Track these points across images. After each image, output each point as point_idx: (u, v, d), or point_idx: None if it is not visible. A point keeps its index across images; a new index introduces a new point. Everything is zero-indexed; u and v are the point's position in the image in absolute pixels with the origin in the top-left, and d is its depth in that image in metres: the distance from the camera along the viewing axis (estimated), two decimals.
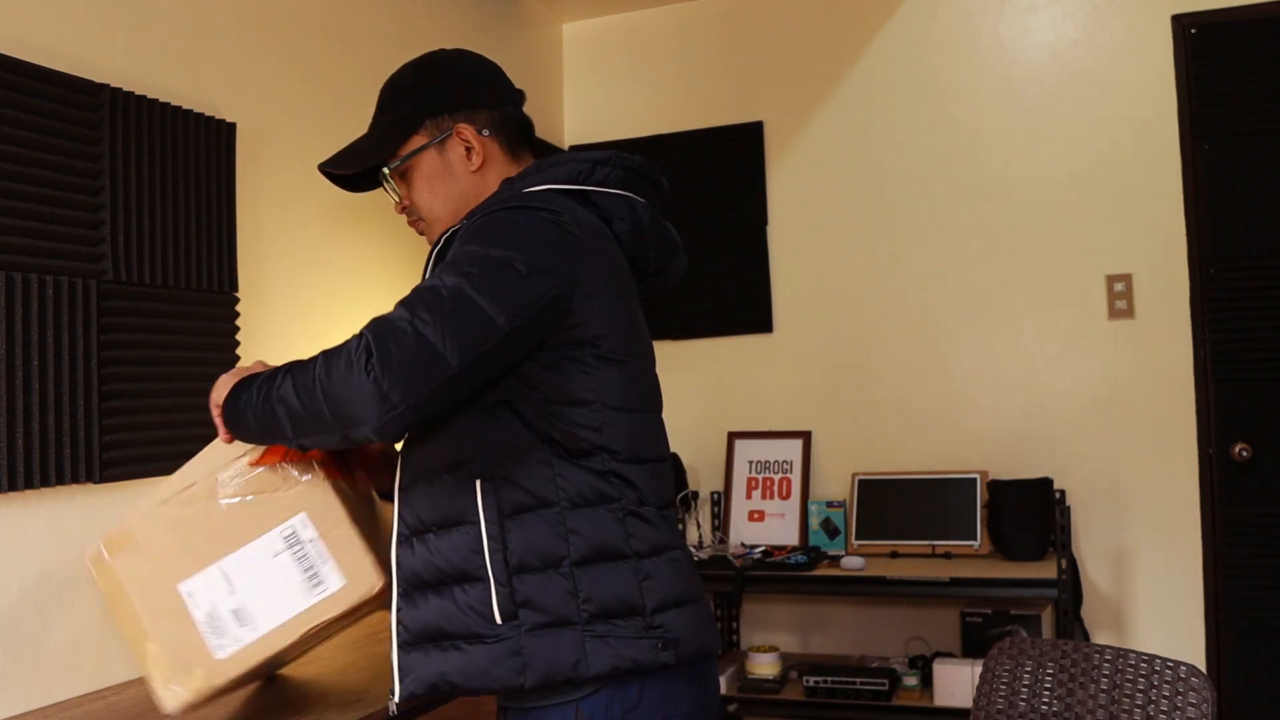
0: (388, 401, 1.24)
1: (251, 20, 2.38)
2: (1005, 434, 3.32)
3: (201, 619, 1.45)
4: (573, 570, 1.36)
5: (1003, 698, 1.89)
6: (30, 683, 1.78)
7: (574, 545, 1.36)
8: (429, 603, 1.38)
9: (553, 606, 1.35)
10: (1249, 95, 3.09)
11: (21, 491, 1.77)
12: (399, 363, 1.24)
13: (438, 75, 1.56)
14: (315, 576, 1.45)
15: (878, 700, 2.94)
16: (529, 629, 1.34)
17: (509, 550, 1.35)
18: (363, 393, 1.25)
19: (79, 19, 1.95)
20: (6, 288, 1.74)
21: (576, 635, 1.34)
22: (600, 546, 1.37)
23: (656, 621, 1.38)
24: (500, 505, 1.36)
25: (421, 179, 1.54)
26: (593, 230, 1.43)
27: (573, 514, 1.37)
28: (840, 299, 3.51)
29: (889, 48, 3.49)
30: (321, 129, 2.59)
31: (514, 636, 1.34)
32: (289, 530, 1.45)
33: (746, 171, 3.61)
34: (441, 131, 1.52)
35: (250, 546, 1.45)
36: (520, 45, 3.57)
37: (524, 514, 1.37)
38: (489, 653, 1.34)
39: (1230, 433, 3.10)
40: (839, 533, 3.35)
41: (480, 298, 1.28)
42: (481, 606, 1.35)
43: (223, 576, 1.45)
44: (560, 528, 1.36)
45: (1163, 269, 3.17)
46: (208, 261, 2.16)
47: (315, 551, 1.45)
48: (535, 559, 1.35)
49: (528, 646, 1.34)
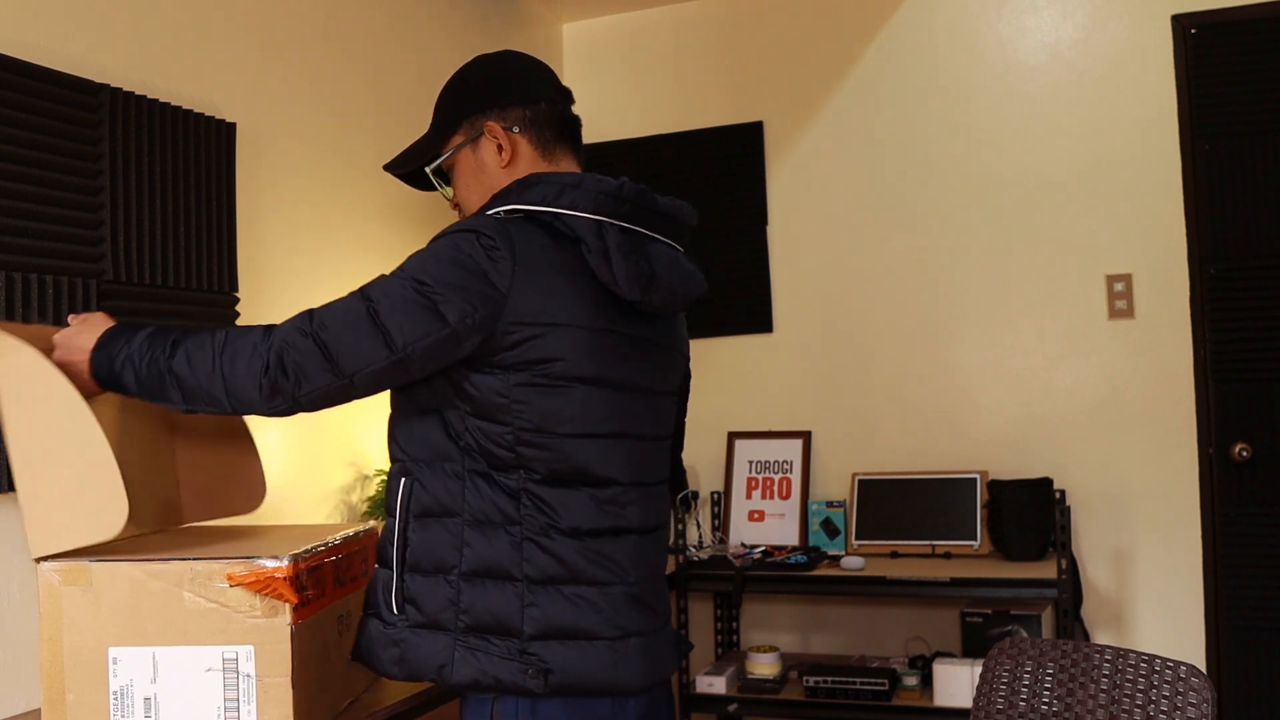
0: (278, 398, 1.37)
1: (251, 20, 2.38)
2: (1005, 434, 3.32)
3: (115, 689, 1.43)
4: (459, 581, 1.42)
5: (1003, 698, 1.89)
6: (30, 683, 1.78)
7: (465, 558, 1.42)
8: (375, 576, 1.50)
9: (431, 610, 1.42)
10: (1249, 95, 3.09)
11: None
12: (294, 365, 1.36)
13: (474, 77, 1.62)
14: (234, 711, 1.42)
15: (878, 700, 2.94)
16: (410, 625, 1.43)
17: (409, 548, 1.44)
18: (258, 388, 1.36)
19: (79, 19, 1.95)
20: (6, 288, 1.75)
21: (449, 641, 1.41)
22: (489, 565, 1.41)
23: (532, 649, 1.40)
24: (411, 505, 1.45)
25: (461, 176, 1.60)
26: (545, 256, 1.41)
27: (471, 529, 1.42)
28: (840, 299, 3.51)
29: (889, 48, 3.49)
30: (321, 129, 2.59)
31: (399, 628, 1.43)
32: (232, 655, 1.42)
33: (746, 171, 3.61)
34: (475, 130, 1.58)
35: (189, 649, 1.42)
36: (520, 45, 3.57)
37: (428, 518, 1.44)
38: (383, 633, 1.45)
39: (1230, 433, 3.10)
40: (839, 533, 3.35)
41: (381, 321, 1.36)
42: (385, 592, 1.45)
43: (152, 662, 1.43)
44: (457, 539, 1.43)
45: (1163, 269, 3.17)
46: (208, 261, 2.16)
47: (245, 688, 1.42)
48: (427, 563, 1.43)
49: (405, 640, 1.43)
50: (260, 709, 1.42)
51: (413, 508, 1.45)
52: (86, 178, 1.91)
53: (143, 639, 1.42)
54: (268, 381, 1.36)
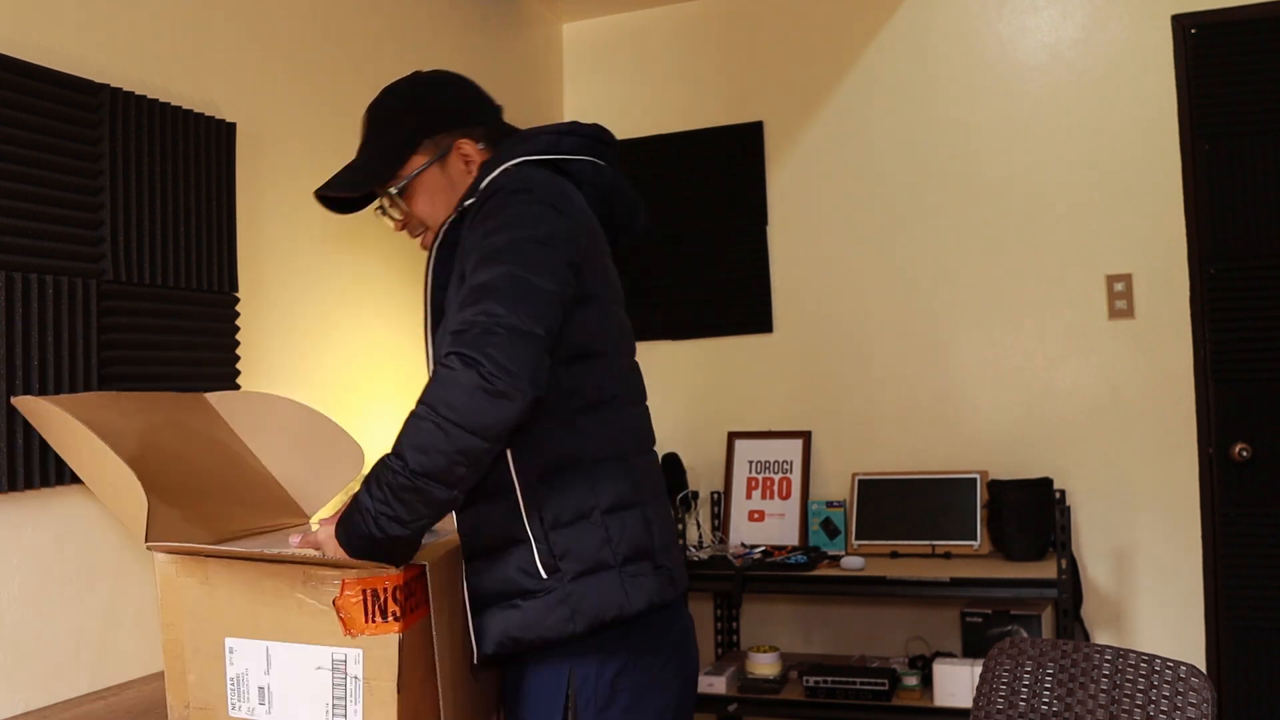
0: (517, 394, 1.31)
1: (251, 20, 2.38)
2: (1005, 434, 3.32)
3: (231, 675, 1.50)
4: (603, 518, 1.47)
5: (1003, 698, 1.89)
6: (30, 683, 1.78)
7: (600, 495, 1.47)
8: (484, 567, 1.49)
9: (590, 554, 1.46)
10: (1249, 95, 3.09)
11: (21, 491, 1.77)
12: (505, 357, 1.31)
13: (429, 98, 1.67)
14: (341, 709, 1.47)
15: (878, 700, 2.94)
16: (571, 578, 1.45)
17: (544, 509, 1.46)
18: (490, 402, 1.31)
19: (79, 19, 1.95)
20: (6, 288, 1.74)
21: (615, 576, 1.46)
22: (620, 495, 1.49)
23: (659, 561, 1.52)
24: (529, 469, 1.47)
25: (424, 194, 1.64)
26: (570, 196, 1.53)
27: (599, 465, 1.48)
28: (840, 299, 3.51)
29: (889, 48, 3.49)
30: (321, 129, 2.59)
31: (560, 587, 1.45)
32: (342, 655, 1.46)
33: (746, 171, 3.61)
34: (440, 149, 1.64)
35: (301, 646, 1.47)
36: (520, 45, 3.57)
37: (553, 474, 1.47)
38: (541, 604, 1.45)
39: (1230, 433, 3.10)
40: (839, 533, 3.35)
41: (532, 275, 1.38)
42: (527, 565, 1.46)
43: (265, 655, 1.49)
44: (589, 480, 1.48)
45: (1163, 269, 3.17)
46: (208, 261, 2.16)
47: (353, 688, 1.46)
48: (568, 514, 1.47)
49: (574, 593, 1.45)
50: (366, 710, 1.45)
51: (532, 470, 1.47)
52: (86, 178, 1.91)
53: (257, 633, 1.49)
54: (494, 389, 1.30)
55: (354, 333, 2.70)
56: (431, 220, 1.65)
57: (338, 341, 2.63)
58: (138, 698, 1.81)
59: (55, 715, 1.73)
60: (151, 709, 1.72)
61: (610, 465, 1.50)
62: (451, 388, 1.31)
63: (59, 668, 1.83)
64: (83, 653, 1.88)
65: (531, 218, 1.44)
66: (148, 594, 2.01)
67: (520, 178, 1.51)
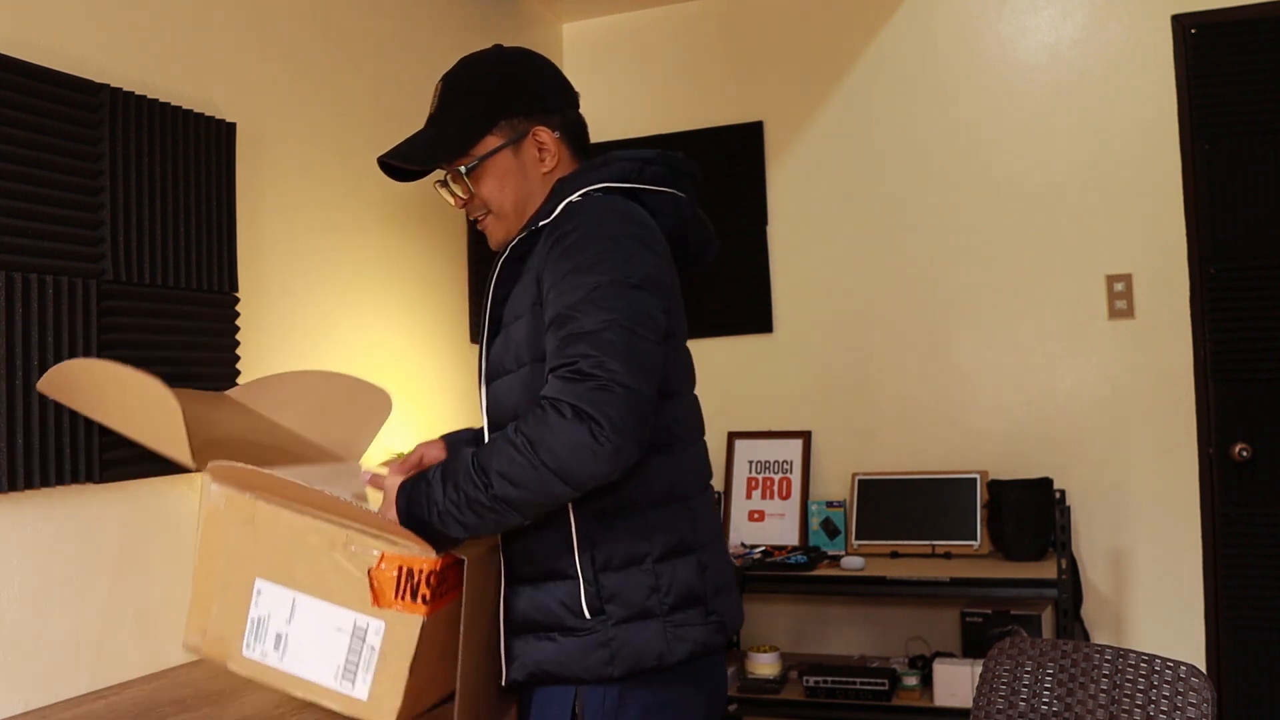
0: (623, 456, 1.30)
1: (251, 20, 2.38)
2: (1005, 434, 3.32)
3: (253, 616, 1.52)
4: (653, 566, 1.44)
5: (1003, 698, 1.89)
6: (30, 683, 1.78)
7: (656, 543, 1.45)
8: (525, 595, 1.47)
9: (636, 601, 1.43)
10: (1249, 95, 3.09)
11: (21, 491, 1.77)
12: (620, 418, 1.29)
13: (513, 77, 1.58)
14: (351, 673, 1.49)
15: (878, 700, 2.94)
16: (615, 622, 1.43)
17: (595, 549, 1.44)
18: (593, 459, 1.29)
19: (79, 19, 1.95)
20: (6, 288, 1.74)
21: (659, 626, 1.43)
22: (676, 542, 1.47)
23: (712, 606, 1.49)
24: (589, 508, 1.43)
25: (493, 177, 1.57)
26: (655, 231, 1.50)
27: (655, 511, 1.46)
28: (840, 299, 3.51)
29: (889, 48, 3.48)
30: (321, 129, 2.59)
31: (603, 629, 1.43)
32: (364, 624, 1.48)
33: (746, 171, 3.61)
34: (517, 132, 1.56)
35: (328, 605, 1.49)
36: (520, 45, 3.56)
37: (611, 516, 1.44)
38: (579, 644, 1.43)
39: (1230, 433, 3.09)
40: (839, 533, 3.34)
41: (640, 329, 1.35)
42: (571, 602, 1.44)
43: (291, 604, 1.51)
44: (644, 525, 1.45)
45: (1163, 269, 3.17)
46: (208, 261, 2.16)
47: (367, 657, 1.48)
48: (619, 559, 1.44)
49: (616, 638, 1.42)
50: (375, 681, 1.47)
51: (590, 509, 1.43)
52: (86, 178, 1.91)
53: (290, 581, 1.50)
54: (603, 446, 1.28)
55: (354, 333, 2.70)
56: (496, 205, 1.58)
57: (338, 341, 2.63)
58: (138, 698, 1.81)
59: (55, 715, 1.73)
60: (151, 709, 1.72)
61: (670, 509, 1.47)
62: (559, 436, 1.28)
63: (59, 668, 1.83)
64: (83, 653, 1.88)
65: (625, 256, 1.40)
66: (148, 594, 2.01)
67: (607, 207, 1.46)
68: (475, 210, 1.61)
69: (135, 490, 1.98)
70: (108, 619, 1.93)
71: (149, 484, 2.00)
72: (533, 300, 1.45)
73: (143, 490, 1.99)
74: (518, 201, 1.57)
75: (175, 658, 2.03)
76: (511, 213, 1.58)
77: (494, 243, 1.61)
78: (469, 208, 1.61)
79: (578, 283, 1.37)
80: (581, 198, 1.48)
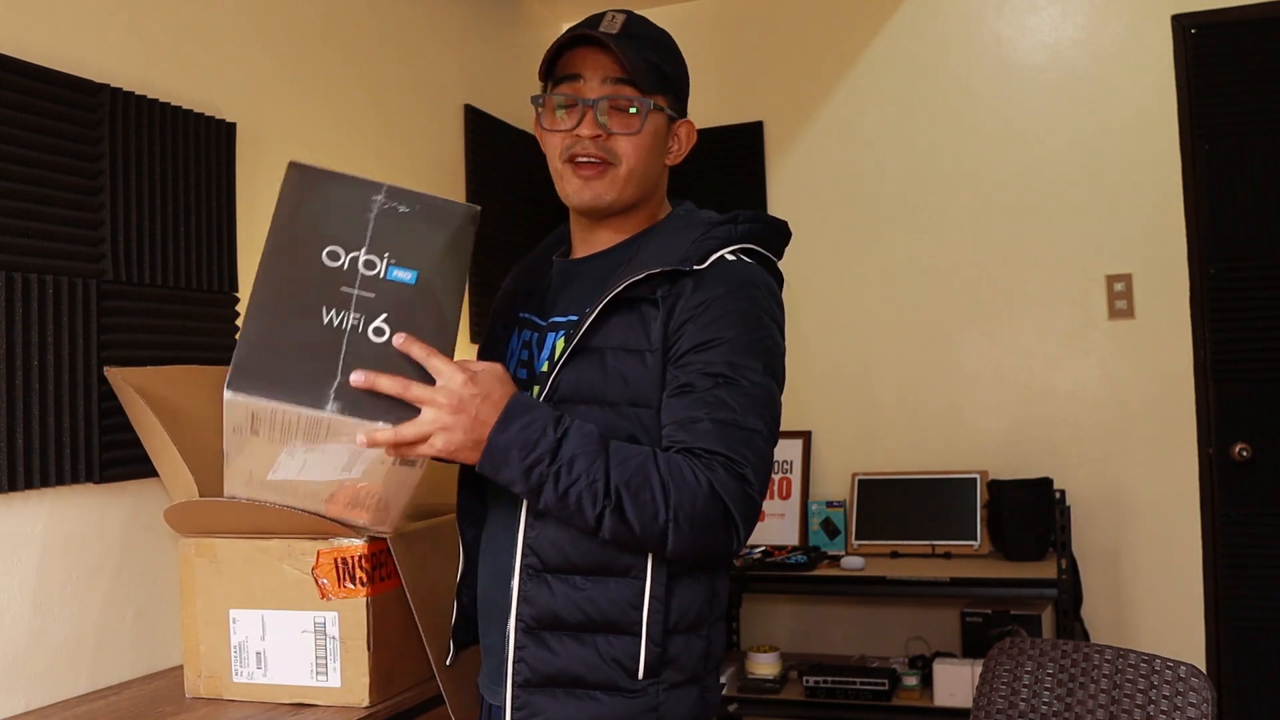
0: (749, 524, 1.30)
1: (251, 20, 2.38)
2: (1005, 434, 3.32)
3: (234, 643, 1.70)
4: (708, 632, 1.37)
5: (1003, 698, 1.89)
6: (30, 683, 1.78)
7: (714, 608, 1.39)
8: (566, 648, 1.31)
9: (691, 667, 1.34)
10: (1249, 95, 3.09)
11: (21, 491, 1.77)
12: (748, 531, 1.30)
13: (685, 65, 1.50)
14: (323, 667, 1.67)
15: (878, 700, 2.94)
16: (667, 687, 1.32)
17: (670, 610, 1.32)
18: (713, 553, 1.27)
19: (79, 19, 1.95)
20: (6, 288, 1.74)
21: (699, 690, 1.35)
22: (723, 607, 1.41)
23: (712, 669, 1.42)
24: (670, 565, 1.31)
25: (649, 136, 1.38)
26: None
27: (719, 577, 1.39)
28: (840, 299, 3.51)
29: (889, 48, 3.48)
30: (321, 129, 2.59)
31: (653, 692, 1.31)
32: (321, 619, 1.67)
33: (746, 171, 3.61)
34: (675, 111, 1.44)
35: (289, 614, 1.68)
36: (520, 45, 3.57)
37: (686, 576, 1.33)
38: (627, 706, 1.31)
39: (1230, 433, 3.09)
40: (839, 533, 3.34)
41: (773, 438, 1.33)
42: (627, 660, 1.30)
43: (261, 622, 1.69)
44: (709, 589, 1.37)
45: (1163, 269, 3.17)
46: (208, 261, 2.16)
47: (332, 649, 1.66)
48: (685, 622, 1.34)
49: (664, 704, 1.32)
50: (344, 667, 1.65)
51: (671, 567, 1.31)
52: (86, 178, 1.91)
53: (254, 603, 1.69)
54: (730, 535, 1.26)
55: None
56: (629, 162, 1.37)
57: None
58: (138, 698, 1.80)
59: (55, 715, 1.73)
60: (151, 709, 1.72)
61: (724, 573, 1.41)
62: (704, 523, 1.23)
63: (59, 668, 1.83)
64: (83, 653, 1.87)
65: (777, 351, 1.35)
66: (147, 594, 2.01)
67: (768, 287, 1.37)
68: (597, 151, 1.36)
69: (135, 490, 1.98)
70: (108, 619, 1.93)
71: (149, 484, 2.00)
72: (648, 347, 1.31)
73: (143, 490, 1.99)
74: (645, 175, 1.39)
75: (175, 658, 2.03)
76: (633, 183, 1.38)
77: (587, 196, 1.38)
78: (589, 145, 1.36)
79: (741, 366, 1.29)
80: (740, 263, 1.36)
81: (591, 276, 1.42)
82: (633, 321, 1.32)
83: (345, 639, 1.65)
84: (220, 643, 1.70)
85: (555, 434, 1.20)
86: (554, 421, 1.22)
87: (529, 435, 1.20)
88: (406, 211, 1.27)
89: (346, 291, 1.23)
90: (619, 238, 1.44)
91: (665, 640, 1.31)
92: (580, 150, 1.36)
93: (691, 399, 1.27)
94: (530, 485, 1.21)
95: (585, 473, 1.20)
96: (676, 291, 1.32)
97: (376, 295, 1.23)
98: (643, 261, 1.34)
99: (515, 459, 1.19)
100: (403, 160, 2.90)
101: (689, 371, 1.29)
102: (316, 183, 1.27)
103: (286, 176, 1.27)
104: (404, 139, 2.91)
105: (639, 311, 1.32)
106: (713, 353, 1.29)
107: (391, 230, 1.25)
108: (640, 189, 1.41)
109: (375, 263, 1.24)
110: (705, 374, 1.28)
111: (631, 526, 1.22)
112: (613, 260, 1.42)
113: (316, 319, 1.21)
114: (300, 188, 1.27)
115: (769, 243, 1.43)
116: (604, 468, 1.21)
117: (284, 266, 1.23)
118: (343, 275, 1.23)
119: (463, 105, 3.19)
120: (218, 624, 1.70)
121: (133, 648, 1.97)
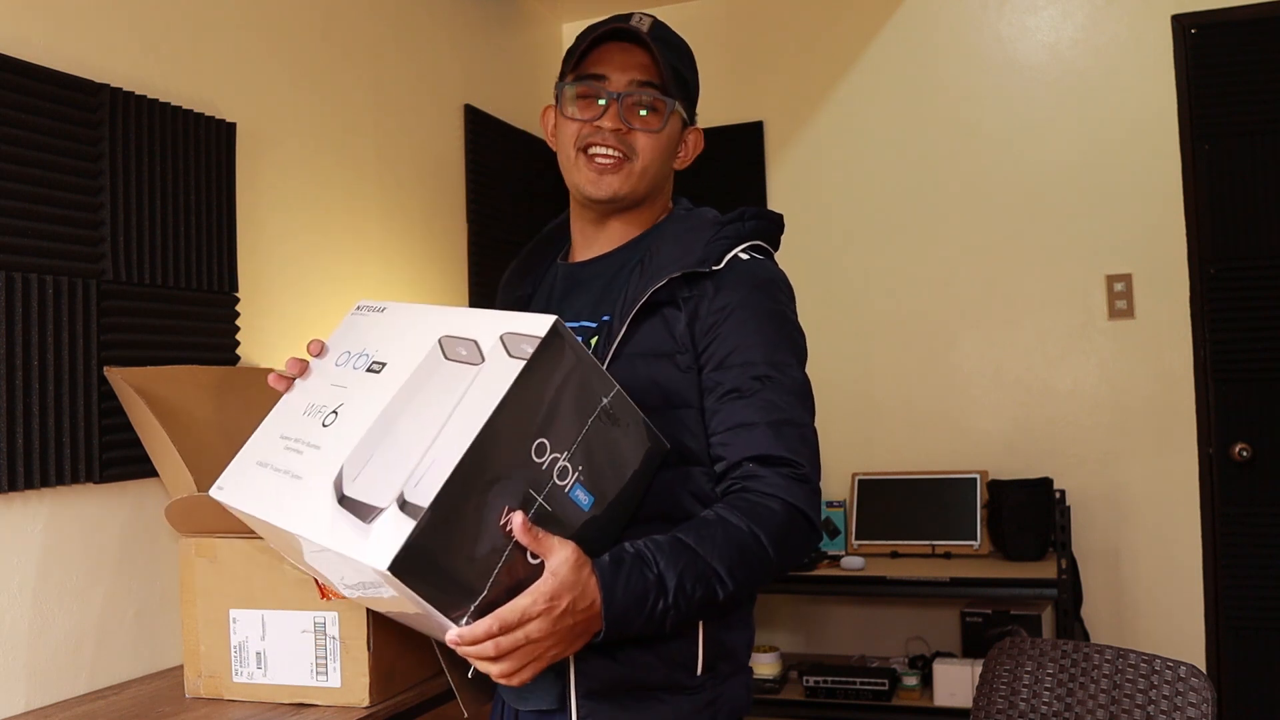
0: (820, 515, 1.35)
1: (251, 20, 2.38)
2: (1005, 434, 3.32)
3: (234, 643, 1.71)
4: (750, 618, 1.40)
5: (1003, 698, 1.89)
6: (30, 683, 1.78)
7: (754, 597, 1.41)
8: (628, 654, 1.28)
9: (743, 657, 1.38)
10: (1249, 95, 3.09)
11: (21, 491, 1.77)
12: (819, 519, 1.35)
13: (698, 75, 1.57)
14: (323, 667, 1.67)
15: (878, 700, 2.94)
16: (723, 679, 1.34)
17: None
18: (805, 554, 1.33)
19: (79, 19, 1.95)
20: (6, 288, 1.74)
21: (746, 677, 1.38)
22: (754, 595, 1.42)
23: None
24: None
25: (668, 136, 1.43)
26: None
27: None
28: (840, 299, 3.51)
29: (889, 48, 3.48)
30: (321, 129, 2.59)
31: (711, 686, 1.33)
32: (321, 619, 1.67)
33: (746, 171, 3.61)
34: (689, 116, 1.51)
35: (289, 613, 1.68)
36: (520, 45, 3.57)
37: None
38: (690, 702, 1.31)
39: (1230, 433, 3.09)
40: (839, 533, 3.34)
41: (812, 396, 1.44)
42: (687, 659, 1.31)
43: (261, 622, 1.69)
44: None
45: (1163, 269, 3.17)
46: (208, 261, 2.16)
47: (332, 648, 1.66)
48: (739, 613, 1.37)
49: (720, 696, 1.34)
50: (344, 667, 1.66)
51: None
52: (86, 178, 1.91)
53: (254, 603, 1.69)
54: (815, 536, 1.32)
55: None
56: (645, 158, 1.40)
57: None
58: (138, 697, 1.81)
59: (55, 715, 1.73)
60: (151, 709, 1.72)
61: None
62: (795, 538, 1.27)
63: (59, 668, 1.83)
64: (83, 653, 1.88)
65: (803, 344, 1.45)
66: (147, 594, 2.01)
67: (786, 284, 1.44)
68: (617, 144, 1.38)
69: (135, 490, 1.98)
70: (108, 619, 1.93)
71: (149, 484, 2.00)
72: (676, 349, 1.32)
73: (143, 490, 1.99)
74: (659, 169, 1.43)
75: (175, 658, 2.03)
76: (647, 179, 1.41)
77: (604, 187, 1.39)
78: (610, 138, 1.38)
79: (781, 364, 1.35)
80: (757, 262, 1.39)
81: (600, 281, 1.42)
82: (656, 325, 1.33)
83: (345, 639, 1.65)
84: (220, 643, 1.71)
85: (652, 574, 1.16)
86: (644, 557, 1.16)
87: (631, 594, 1.14)
88: (616, 427, 1.14)
89: (532, 496, 1.06)
90: (623, 237, 1.45)
91: (719, 634, 1.33)
92: (599, 141, 1.39)
93: (742, 404, 1.31)
94: (666, 627, 1.19)
95: (697, 580, 1.18)
96: (698, 293, 1.34)
97: (554, 511, 1.08)
98: (659, 265, 1.35)
99: (637, 624, 1.16)
100: (403, 160, 2.90)
101: (733, 375, 1.32)
102: (569, 354, 1.10)
103: (548, 339, 1.07)
104: (404, 139, 2.91)
105: (661, 315, 1.33)
106: (752, 354, 1.32)
107: (598, 442, 1.12)
108: (651, 186, 1.43)
109: (568, 472, 1.09)
110: (751, 377, 1.32)
111: (753, 583, 1.26)
112: (618, 262, 1.42)
113: (496, 517, 1.03)
114: (554, 351, 1.08)
115: (770, 237, 1.47)
116: (705, 564, 1.19)
117: (503, 434, 1.04)
118: (539, 475, 1.07)
119: (463, 105, 3.19)
120: (218, 624, 1.70)
121: (133, 648, 1.97)
